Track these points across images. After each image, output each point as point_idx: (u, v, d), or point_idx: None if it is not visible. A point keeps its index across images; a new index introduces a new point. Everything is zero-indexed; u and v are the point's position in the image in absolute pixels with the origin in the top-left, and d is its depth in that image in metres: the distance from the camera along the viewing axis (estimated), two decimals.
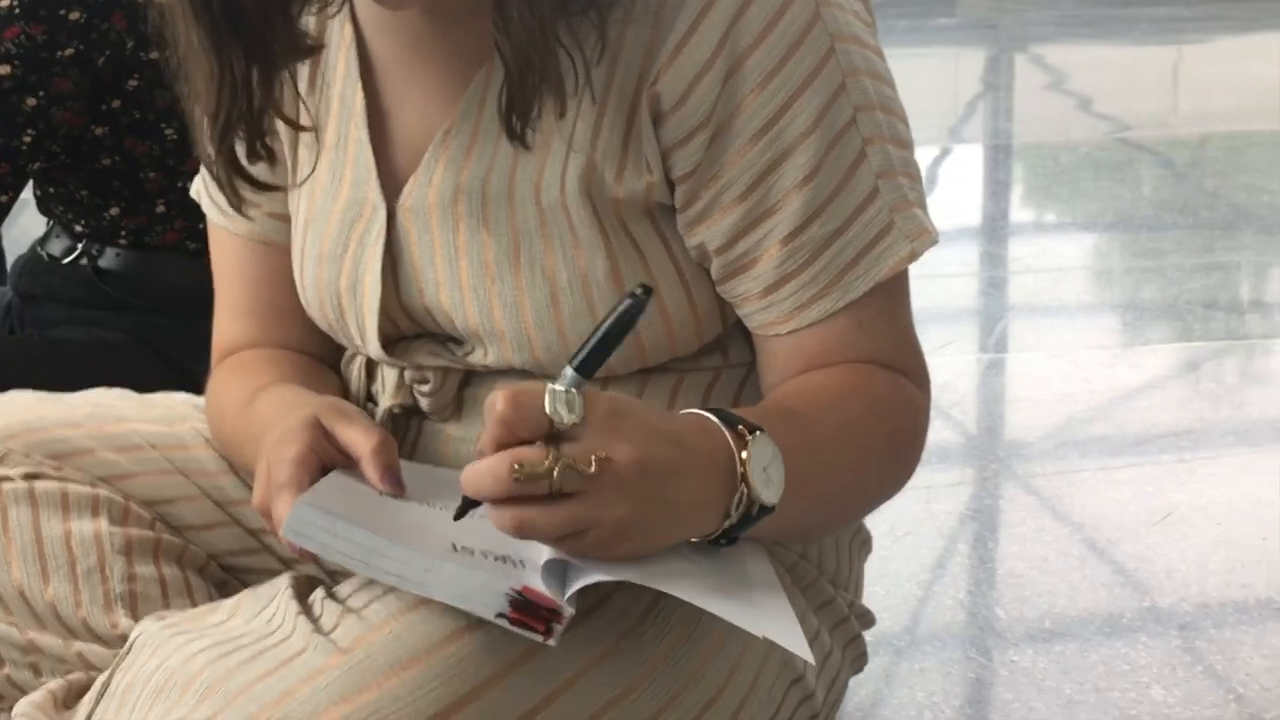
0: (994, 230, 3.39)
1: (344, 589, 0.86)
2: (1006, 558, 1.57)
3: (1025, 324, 2.65)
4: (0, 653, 1.03)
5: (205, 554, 1.10)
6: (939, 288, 2.76)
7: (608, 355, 0.81)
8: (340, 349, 1.14)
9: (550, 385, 0.79)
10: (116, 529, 1.05)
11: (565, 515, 0.79)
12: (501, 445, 0.79)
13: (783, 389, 0.97)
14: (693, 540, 0.86)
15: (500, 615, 0.79)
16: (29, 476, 1.05)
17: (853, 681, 1.24)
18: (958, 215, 3.39)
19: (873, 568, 1.23)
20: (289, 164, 1.07)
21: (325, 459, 0.91)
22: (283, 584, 0.88)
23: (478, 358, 1.00)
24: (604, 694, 0.86)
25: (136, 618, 1.01)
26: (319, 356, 1.14)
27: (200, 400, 1.17)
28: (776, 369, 0.99)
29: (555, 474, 0.78)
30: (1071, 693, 1.27)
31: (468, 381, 1.03)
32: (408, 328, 1.03)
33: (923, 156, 1.25)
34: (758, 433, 0.85)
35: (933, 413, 1.03)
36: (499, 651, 0.82)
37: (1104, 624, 1.40)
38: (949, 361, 2.30)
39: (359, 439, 0.90)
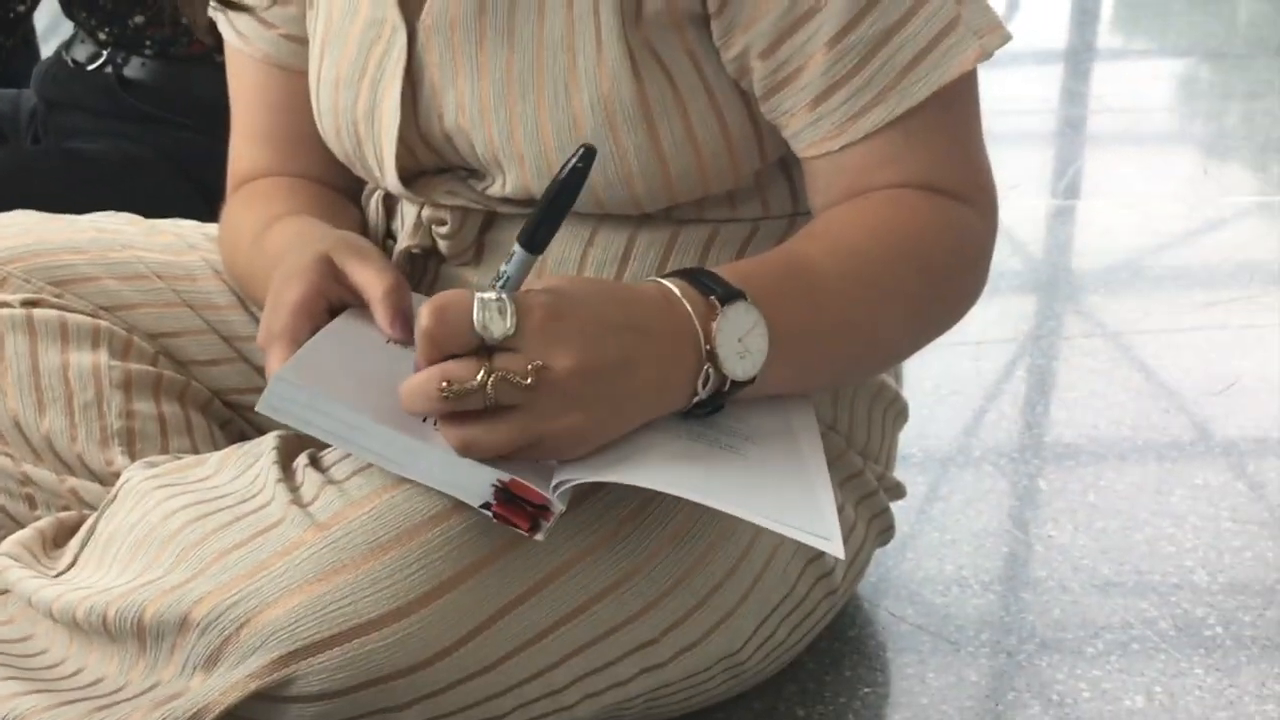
0: (1076, 63, 3.24)
1: (328, 456, 0.82)
2: (1054, 424, 1.50)
3: (1100, 168, 2.54)
4: None
5: (209, 391, 1.07)
6: (1009, 124, 2.64)
7: (556, 227, 0.76)
8: (361, 182, 1.08)
9: (479, 295, 0.74)
10: (116, 363, 1.01)
11: (509, 431, 0.74)
12: (431, 361, 0.74)
13: (805, 231, 0.90)
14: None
15: (485, 506, 0.75)
16: (28, 303, 1.01)
17: (880, 553, 1.19)
18: (1037, 43, 3.23)
19: (912, 428, 1.18)
20: None
21: (333, 299, 0.87)
22: (269, 444, 0.84)
23: (497, 188, 0.94)
24: (599, 581, 0.82)
25: (134, 455, 0.99)
26: (339, 188, 1.10)
27: (211, 229, 1.13)
28: (819, 194, 0.92)
29: (489, 389, 0.73)
30: (1109, 573, 1.22)
31: (489, 225, 0.98)
32: (427, 159, 0.97)
33: None
34: (734, 303, 0.79)
35: (993, 258, 0.96)
36: (486, 536, 0.78)
37: (1151, 501, 1.34)
38: (1013, 206, 2.20)
39: (371, 279, 0.85)
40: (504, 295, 0.74)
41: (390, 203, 1.05)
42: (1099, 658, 1.11)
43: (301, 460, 0.82)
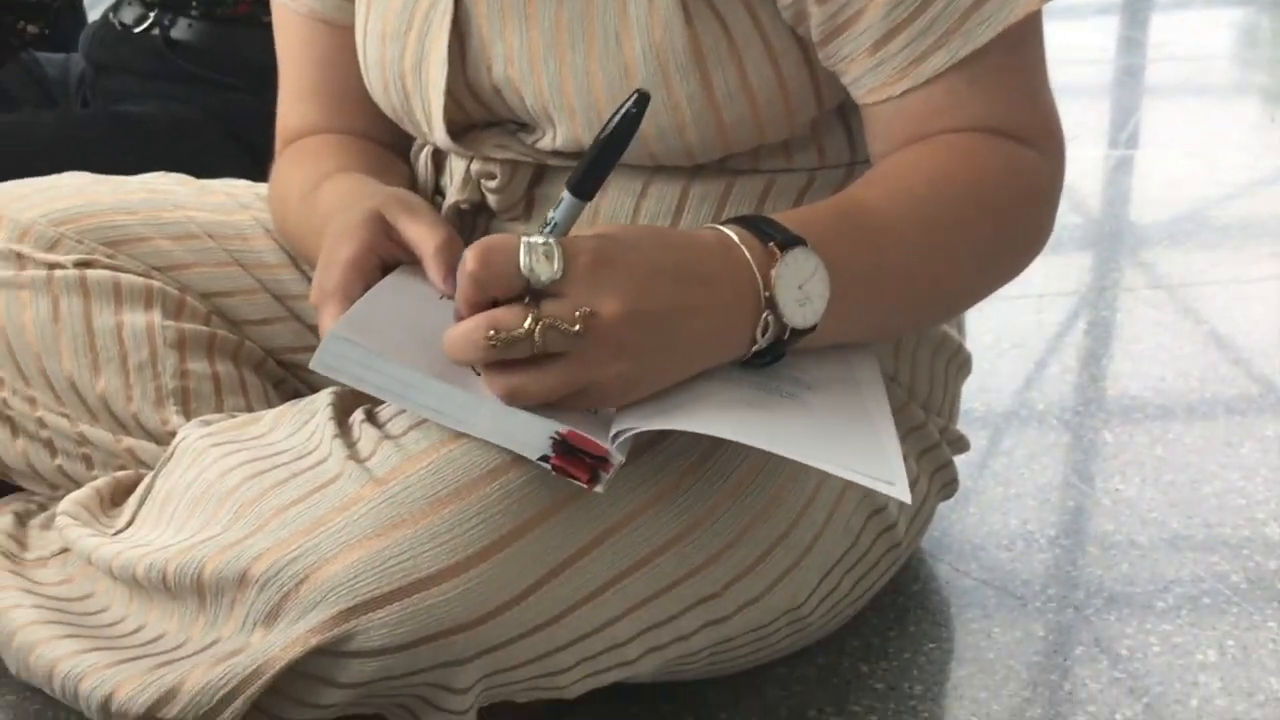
0: (1135, 12, 3.18)
1: (384, 412, 0.81)
2: (1121, 376, 1.47)
3: (1160, 118, 2.49)
4: (54, 443, 1.01)
5: (262, 350, 1.06)
6: (1069, 75, 2.60)
7: (606, 174, 0.74)
8: (409, 137, 1.07)
9: (525, 238, 0.72)
10: (170, 322, 1.01)
11: (556, 378, 0.73)
12: (477, 306, 0.73)
13: (864, 178, 0.88)
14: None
15: (543, 459, 0.73)
16: (81, 264, 1.01)
17: (941, 507, 1.17)
18: None
19: (974, 380, 1.16)
20: None
21: (385, 255, 0.86)
22: (324, 400, 0.83)
23: (547, 141, 0.93)
24: (662, 534, 0.80)
25: (189, 415, 0.99)
26: (387, 144, 1.09)
27: (262, 188, 1.12)
28: (878, 140, 0.90)
29: (536, 336, 0.71)
30: (1178, 526, 1.19)
31: (538, 180, 0.97)
32: (476, 113, 0.96)
33: None
34: (793, 249, 0.77)
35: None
36: (546, 489, 0.76)
37: (1220, 454, 1.31)
38: (1073, 156, 2.15)
39: (423, 235, 0.84)
40: (551, 239, 0.72)
41: (439, 158, 1.04)
42: (1169, 612, 1.08)
43: (358, 416, 0.81)
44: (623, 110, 0.73)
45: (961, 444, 1.11)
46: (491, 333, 0.71)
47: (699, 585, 0.84)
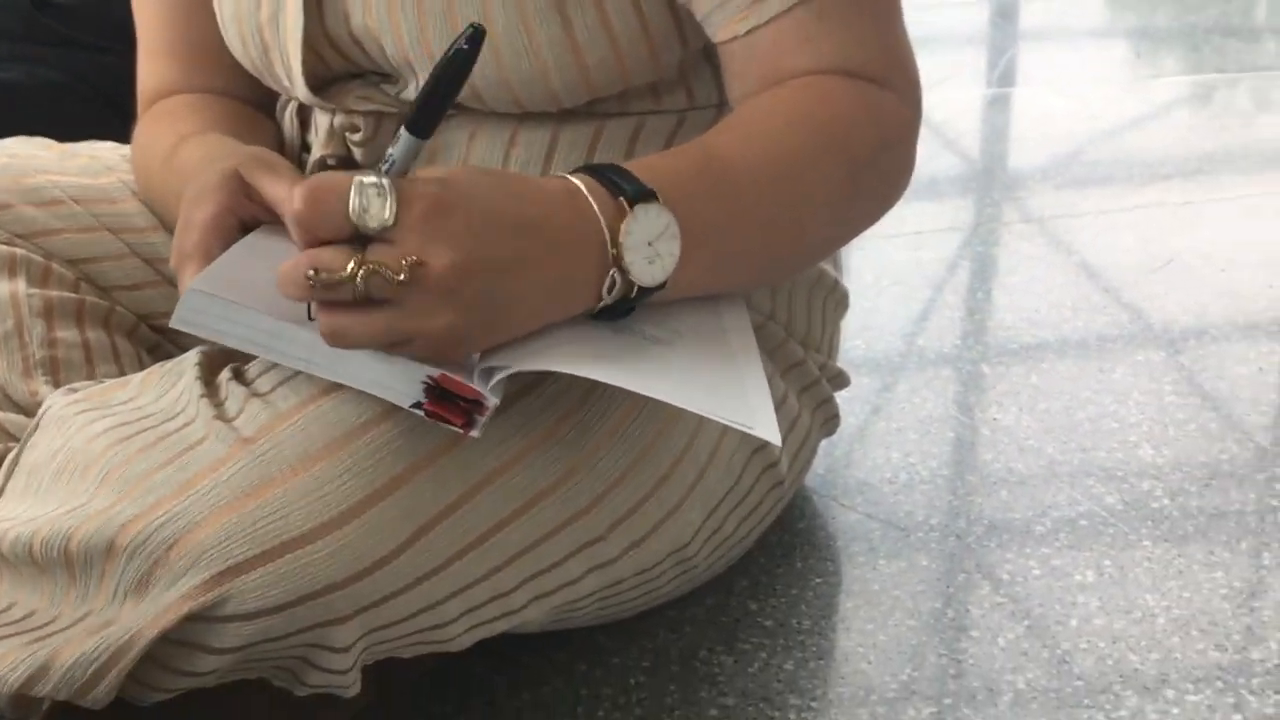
0: None
1: (252, 369, 0.80)
2: (997, 309, 1.50)
3: (1033, 56, 2.52)
4: None
5: (134, 316, 1.04)
6: (946, 17, 2.62)
7: (443, 110, 0.72)
8: (274, 94, 1.05)
9: (358, 177, 0.70)
10: (35, 290, 0.98)
11: (380, 325, 0.71)
12: (308, 246, 0.71)
13: (719, 124, 0.87)
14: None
15: (416, 405, 0.73)
16: None
17: (825, 442, 1.19)
18: None
19: (855, 319, 1.17)
20: None
21: (245, 216, 0.84)
22: (191, 360, 0.82)
23: (410, 91, 0.91)
24: (538, 481, 0.80)
25: (59, 384, 0.96)
26: (251, 101, 1.06)
27: (127, 150, 1.09)
28: (735, 82, 0.89)
29: (359, 281, 0.69)
30: (1054, 452, 1.22)
31: None
32: (337, 64, 0.94)
33: None
34: (644, 204, 0.75)
35: (926, 153, 0.94)
36: (419, 440, 0.75)
37: (1094, 380, 1.34)
38: (948, 96, 2.18)
39: (284, 193, 0.82)
40: (384, 180, 0.70)
41: (304, 113, 1.02)
42: (1047, 536, 1.11)
43: (225, 375, 0.80)
44: (456, 45, 0.71)
45: (841, 380, 1.12)
46: (311, 272, 0.69)
47: (583, 530, 0.84)
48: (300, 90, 0.95)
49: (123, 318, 1.03)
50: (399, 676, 0.91)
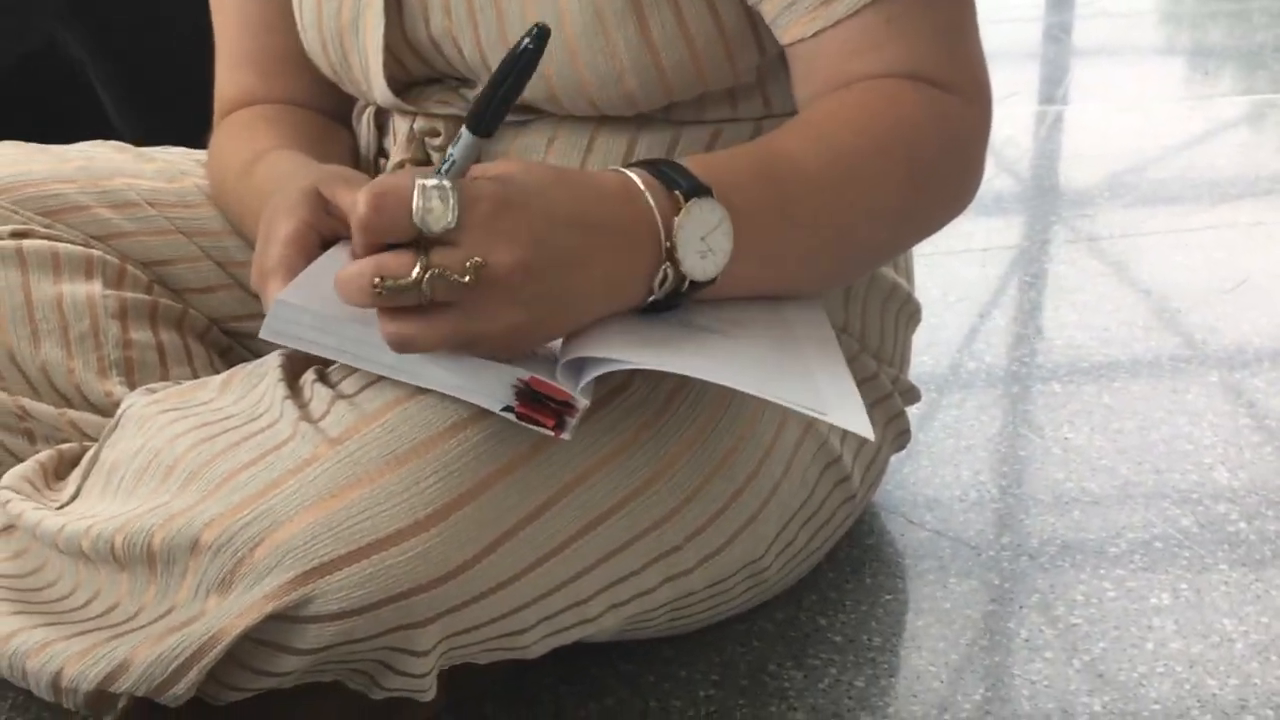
0: None
1: (336, 372, 0.80)
2: (1065, 327, 1.48)
3: (1094, 73, 2.50)
4: None
5: (206, 319, 1.04)
6: (1001, 33, 2.61)
7: (505, 110, 0.71)
8: (350, 103, 1.05)
9: (420, 180, 0.69)
10: (111, 292, 0.99)
11: (445, 329, 0.70)
12: (369, 251, 0.70)
13: (784, 126, 0.86)
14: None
15: (507, 409, 0.72)
16: (17, 234, 0.99)
17: (893, 459, 1.18)
18: None
19: (922, 335, 1.16)
20: None
21: (325, 232, 0.84)
22: (273, 362, 0.82)
23: None
24: (619, 489, 0.79)
25: (133, 385, 0.97)
26: (328, 111, 1.07)
27: (201, 154, 1.10)
28: (802, 85, 0.88)
29: (424, 285, 0.69)
30: (1128, 473, 1.20)
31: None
32: (416, 69, 0.94)
33: None
34: (699, 199, 0.75)
35: (990, 170, 0.93)
36: (505, 444, 0.75)
37: (1167, 401, 1.32)
38: (1011, 114, 2.17)
39: None
40: (446, 182, 0.69)
41: (381, 119, 1.03)
42: (1121, 558, 1.09)
43: (309, 377, 0.79)
44: (521, 44, 0.70)
45: (913, 394, 1.11)
46: (379, 279, 0.69)
47: (661, 539, 0.83)
48: (379, 93, 0.95)
49: (195, 320, 1.03)
50: (469, 683, 0.91)
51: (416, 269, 0.69)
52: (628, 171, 0.77)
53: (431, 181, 0.69)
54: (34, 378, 0.97)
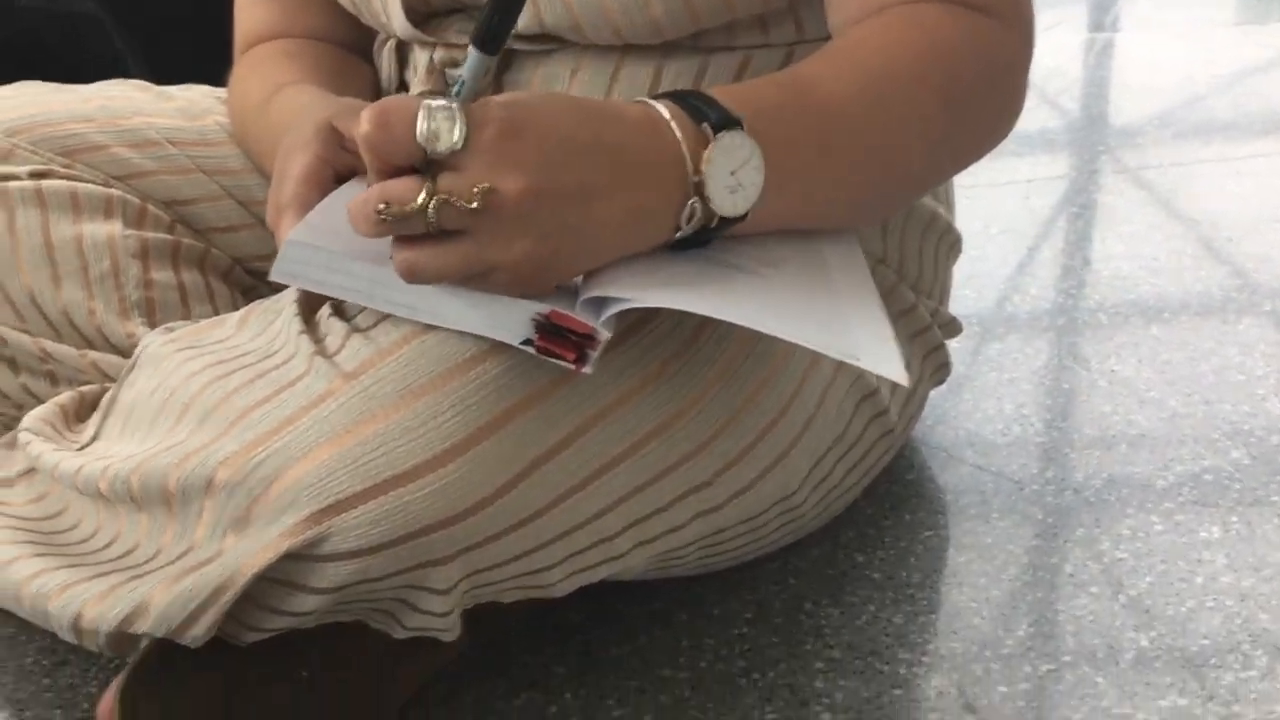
0: None
1: (353, 306, 0.77)
2: (1113, 257, 1.44)
3: (1143, 1, 2.44)
4: (16, 360, 0.97)
5: (229, 258, 1.02)
6: None
7: (512, 23, 0.68)
8: (371, 37, 1.03)
9: (425, 101, 0.66)
10: (131, 231, 0.97)
11: (456, 257, 0.68)
12: (376, 173, 0.68)
13: (815, 54, 0.82)
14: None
15: (526, 343, 0.70)
16: (36, 175, 0.97)
17: (935, 394, 1.15)
18: None
19: (964, 268, 1.13)
20: None
21: (340, 167, 0.82)
22: (289, 298, 0.80)
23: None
24: (645, 422, 0.77)
25: (154, 325, 0.95)
26: (349, 45, 1.05)
27: (222, 92, 1.08)
28: (834, 10, 0.85)
29: (430, 212, 0.66)
30: (1177, 405, 1.17)
31: (507, 65, 0.92)
32: (437, 1, 0.91)
33: None
34: (728, 131, 0.72)
35: (1038, 99, 0.91)
36: (525, 377, 0.73)
37: (1217, 331, 1.28)
38: (1058, 43, 2.12)
39: None
40: (453, 104, 0.66)
41: (403, 51, 1.00)
42: (1170, 491, 1.06)
43: (325, 311, 0.77)
44: None
45: (954, 327, 1.08)
46: (382, 206, 0.67)
47: (689, 474, 0.81)
48: (399, 24, 0.92)
49: (218, 260, 1.01)
50: (495, 624, 0.89)
51: (422, 195, 0.66)
52: (654, 103, 0.73)
53: (438, 102, 0.66)
54: (55, 319, 0.96)
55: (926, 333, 1.03)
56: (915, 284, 1.02)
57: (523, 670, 0.90)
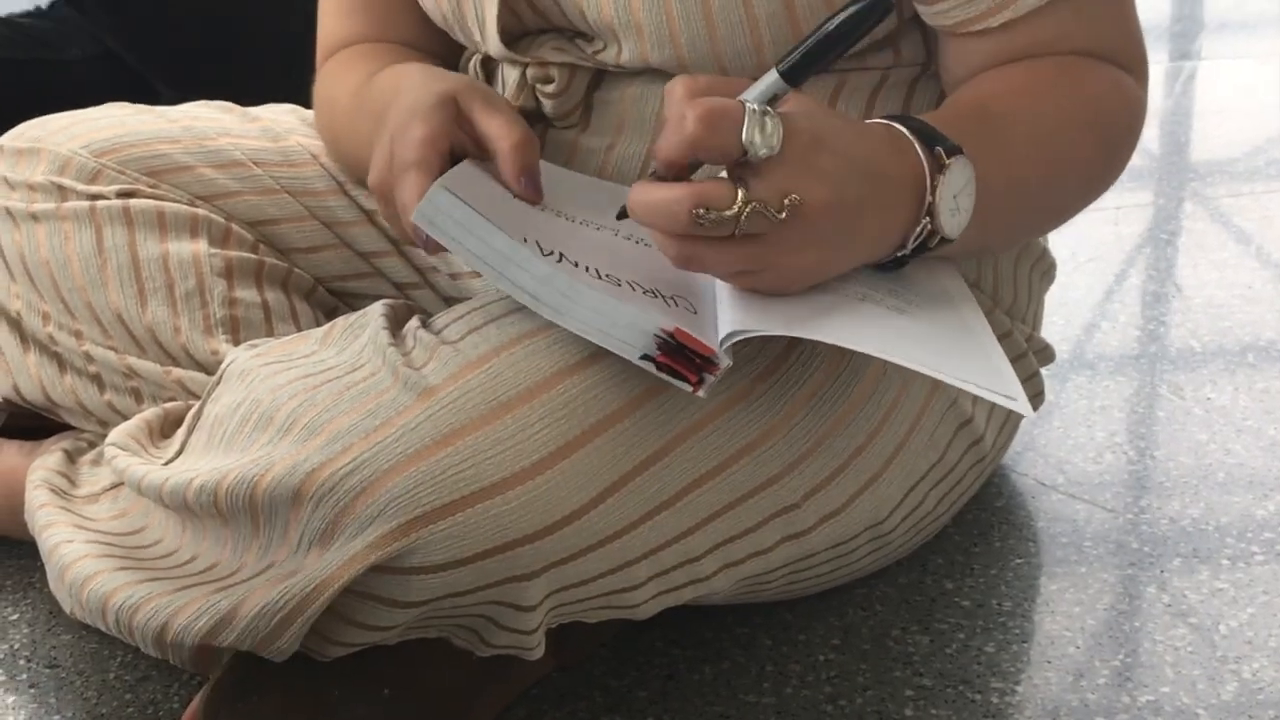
0: None
1: (440, 320, 0.77)
2: (1205, 285, 1.41)
3: (1230, 29, 2.40)
4: (102, 377, 0.98)
5: (311, 279, 1.02)
6: None
7: (822, 63, 0.70)
8: (458, 50, 1.03)
9: (749, 104, 0.67)
10: (216, 250, 0.97)
11: (742, 256, 0.69)
12: (678, 168, 0.69)
13: (978, 84, 0.84)
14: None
15: (645, 358, 0.68)
16: (124, 194, 0.98)
17: (1025, 421, 1.12)
18: None
19: (1052, 296, 1.10)
20: None
21: (456, 146, 0.81)
22: (376, 311, 0.79)
23: (610, 56, 0.87)
24: (733, 441, 0.76)
25: (238, 344, 0.95)
26: (436, 56, 1.04)
27: (307, 114, 1.08)
28: (960, 66, 0.86)
29: (743, 219, 0.67)
30: (1276, 434, 1.14)
31: (598, 83, 0.92)
32: (531, 20, 0.91)
33: None
34: (957, 157, 0.74)
35: None
36: (614, 392, 0.72)
37: None
38: None
39: (500, 129, 0.80)
40: (770, 111, 0.67)
41: (490, 66, 1.00)
42: (1271, 520, 1.03)
43: (413, 324, 0.77)
44: (852, 9, 0.69)
45: (1047, 354, 1.06)
46: (701, 211, 0.67)
47: (777, 495, 0.79)
48: (493, 45, 0.92)
49: (300, 279, 1.01)
50: (579, 644, 0.88)
51: (738, 202, 0.67)
52: (895, 124, 0.75)
53: (758, 106, 0.67)
54: (141, 337, 0.96)
55: (1022, 359, 1.01)
56: (1010, 309, 1.00)
57: (605, 694, 0.88)
